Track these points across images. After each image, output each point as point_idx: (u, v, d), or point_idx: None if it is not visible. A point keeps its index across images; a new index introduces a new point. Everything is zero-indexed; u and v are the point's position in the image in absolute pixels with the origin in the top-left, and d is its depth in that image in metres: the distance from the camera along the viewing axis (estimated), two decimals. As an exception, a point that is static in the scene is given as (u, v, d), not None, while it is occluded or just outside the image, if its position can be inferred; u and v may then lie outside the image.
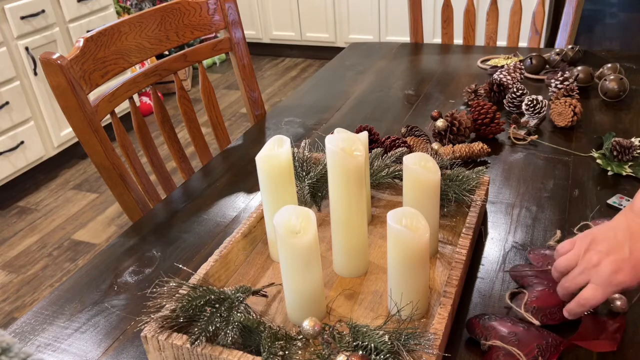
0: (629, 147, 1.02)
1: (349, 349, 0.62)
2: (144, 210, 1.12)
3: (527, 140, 1.14)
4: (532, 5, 1.83)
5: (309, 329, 0.64)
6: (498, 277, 0.79)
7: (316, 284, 0.70)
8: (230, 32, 1.36)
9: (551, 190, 0.98)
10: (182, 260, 0.89)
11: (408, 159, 0.79)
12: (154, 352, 0.67)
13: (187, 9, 1.26)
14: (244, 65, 1.41)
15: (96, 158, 1.07)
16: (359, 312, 0.74)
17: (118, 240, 0.96)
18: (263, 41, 4.10)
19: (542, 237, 0.87)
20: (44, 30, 2.60)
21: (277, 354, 0.62)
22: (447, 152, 1.07)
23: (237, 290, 0.70)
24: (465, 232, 0.80)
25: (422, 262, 0.69)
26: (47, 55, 0.97)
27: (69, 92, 1.00)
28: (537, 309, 0.70)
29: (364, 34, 3.76)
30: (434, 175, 0.78)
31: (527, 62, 1.43)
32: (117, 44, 1.12)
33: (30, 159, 2.61)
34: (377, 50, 1.76)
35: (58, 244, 2.32)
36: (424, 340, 0.62)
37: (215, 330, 0.65)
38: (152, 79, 1.20)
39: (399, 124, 1.26)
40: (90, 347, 0.74)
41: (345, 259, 0.80)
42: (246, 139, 1.29)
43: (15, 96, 2.49)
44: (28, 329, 0.78)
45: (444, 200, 0.87)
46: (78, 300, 0.82)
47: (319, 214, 0.94)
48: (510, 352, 0.64)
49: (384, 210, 0.92)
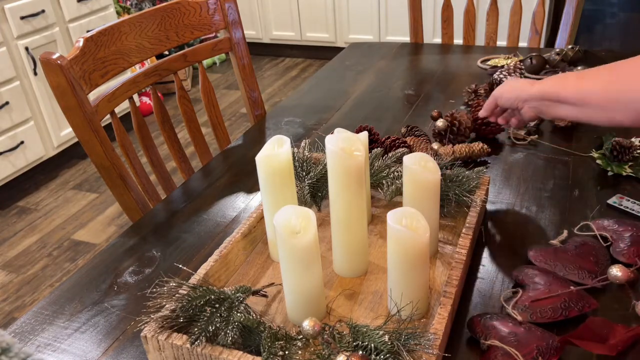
0: (629, 147, 1.02)
1: (349, 349, 0.62)
2: (144, 210, 1.12)
3: (527, 140, 1.14)
4: (532, 5, 1.83)
5: (308, 329, 0.64)
6: (498, 277, 0.79)
7: (316, 284, 0.70)
8: (230, 32, 1.36)
9: (551, 190, 0.98)
10: (182, 260, 0.89)
11: (408, 159, 0.79)
12: (153, 352, 0.67)
13: (187, 9, 1.26)
14: (244, 65, 1.41)
15: (96, 158, 1.07)
16: (359, 312, 0.74)
17: (118, 240, 0.96)
18: (263, 41, 4.11)
19: (542, 237, 0.87)
20: (43, 30, 2.60)
21: (277, 354, 0.62)
22: (447, 152, 1.07)
23: (237, 290, 0.70)
24: (465, 232, 0.80)
25: (422, 262, 0.69)
26: (47, 55, 0.97)
27: (68, 92, 1.00)
28: (527, 307, 0.70)
29: (364, 34, 3.76)
30: (434, 175, 0.78)
31: (527, 62, 1.43)
32: (117, 44, 1.12)
33: (30, 159, 2.61)
34: (377, 50, 1.76)
35: (58, 244, 2.32)
36: (424, 340, 0.62)
37: (215, 330, 0.65)
38: (152, 79, 1.20)
39: (399, 124, 1.26)
40: (90, 347, 0.74)
41: (345, 259, 0.80)
42: (246, 139, 1.29)
43: (15, 96, 2.49)
44: (28, 329, 0.78)
45: (444, 200, 0.87)
46: (78, 300, 0.82)
47: (319, 214, 0.94)
48: (509, 352, 0.64)
49: (384, 210, 0.92)
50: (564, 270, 0.77)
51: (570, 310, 0.70)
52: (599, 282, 0.75)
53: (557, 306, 0.70)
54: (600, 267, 0.77)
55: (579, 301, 0.71)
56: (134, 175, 1.15)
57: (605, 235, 0.83)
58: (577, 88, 0.79)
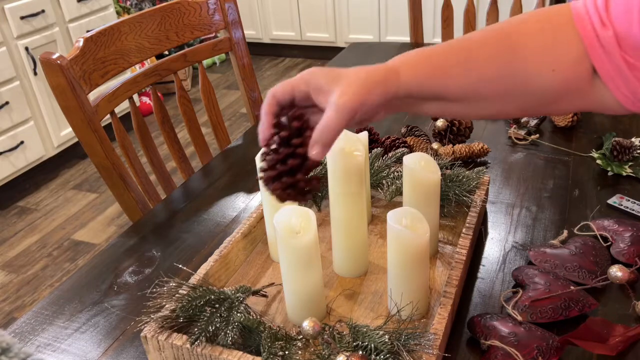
0: (629, 147, 1.02)
1: (349, 349, 0.62)
2: (144, 210, 1.12)
3: (528, 140, 1.14)
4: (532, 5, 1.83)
5: (308, 329, 0.64)
6: (498, 277, 0.79)
7: (316, 284, 0.70)
8: (230, 32, 1.36)
9: (551, 190, 0.98)
10: (182, 260, 0.89)
11: (408, 159, 0.79)
12: (153, 352, 0.67)
13: (186, 8, 1.26)
14: (244, 65, 1.41)
15: (96, 158, 1.07)
16: (359, 312, 0.74)
17: (118, 240, 0.96)
18: (263, 41, 4.10)
19: (542, 237, 0.87)
20: (43, 30, 2.60)
21: (277, 354, 0.62)
22: (447, 152, 1.07)
23: (237, 290, 0.70)
24: (466, 232, 0.80)
25: (422, 262, 0.69)
26: (47, 55, 0.97)
27: (68, 92, 1.00)
28: (528, 307, 0.70)
29: (364, 34, 3.76)
30: (434, 175, 0.78)
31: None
32: (117, 44, 1.12)
33: (30, 159, 2.61)
34: (377, 50, 1.75)
35: (58, 244, 2.32)
36: (424, 341, 0.62)
37: (215, 330, 0.65)
38: (152, 79, 1.20)
39: (399, 124, 1.26)
40: (90, 347, 0.74)
41: (345, 259, 0.80)
42: (246, 139, 1.29)
43: (15, 96, 2.49)
44: (28, 329, 0.78)
45: (444, 200, 0.87)
46: (78, 300, 0.82)
47: (319, 214, 0.94)
48: (509, 352, 0.64)
49: (384, 210, 0.92)
50: (564, 270, 0.77)
51: (570, 310, 0.70)
52: (599, 282, 0.74)
53: (557, 306, 0.70)
54: (600, 267, 0.77)
55: (579, 301, 0.71)
56: (134, 175, 1.15)
57: (606, 235, 0.83)
58: (467, 81, 0.59)
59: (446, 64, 0.59)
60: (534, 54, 0.58)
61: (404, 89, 0.59)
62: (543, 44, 0.58)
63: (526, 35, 0.58)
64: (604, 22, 0.54)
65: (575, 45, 0.57)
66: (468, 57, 0.59)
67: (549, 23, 0.59)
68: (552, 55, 0.57)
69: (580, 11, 0.57)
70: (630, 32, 0.53)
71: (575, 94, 0.59)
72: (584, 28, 0.56)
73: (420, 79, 0.59)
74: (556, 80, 0.58)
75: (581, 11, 0.57)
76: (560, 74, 0.57)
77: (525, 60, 0.58)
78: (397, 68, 0.58)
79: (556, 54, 0.57)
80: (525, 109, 0.63)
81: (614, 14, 0.54)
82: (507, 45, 0.59)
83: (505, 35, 0.59)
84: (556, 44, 0.57)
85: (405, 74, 0.58)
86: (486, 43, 0.59)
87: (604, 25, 0.54)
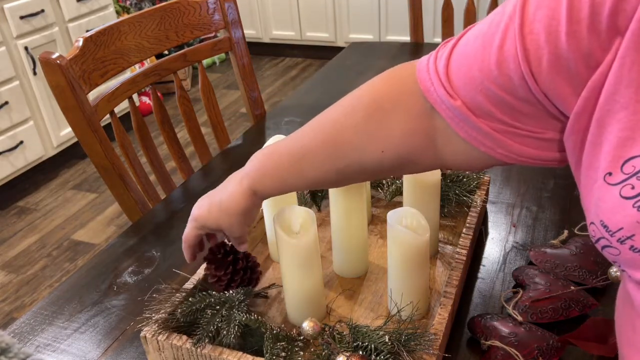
0: (629, 147, 1.02)
1: (349, 349, 0.62)
2: (143, 210, 1.12)
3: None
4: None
5: (308, 330, 0.64)
6: (498, 277, 0.79)
7: (316, 284, 0.70)
8: (230, 31, 1.36)
9: (552, 190, 0.98)
10: (181, 260, 0.88)
11: (408, 159, 0.78)
12: (153, 352, 0.67)
13: (186, 8, 1.26)
14: (243, 65, 1.40)
15: (96, 158, 1.07)
16: (359, 313, 0.74)
17: (117, 240, 0.95)
18: (263, 41, 4.10)
19: (542, 237, 0.87)
20: (43, 30, 2.59)
21: (279, 355, 0.62)
22: (447, 152, 1.07)
23: (237, 291, 0.70)
24: (466, 232, 0.80)
25: (422, 262, 0.68)
26: (47, 55, 0.97)
27: (68, 92, 0.99)
28: (528, 308, 0.70)
29: (364, 34, 3.76)
30: (434, 175, 0.78)
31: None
32: (116, 44, 1.12)
33: (29, 159, 2.61)
34: (377, 50, 1.75)
35: (57, 244, 2.32)
36: (424, 341, 0.62)
37: (217, 330, 0.64)
38: (151, 79, 1.20)
39: (399, 124, 1.26)
40: (89, 347, 0.74)
41: (345, 259, 0.80)
42: (246, 139, 1.29)
43: (15, 96, 2.49)
44: (27, 329, 0.78)
45: (445, 200, 0.87)
46: (77, 300, 0.82)
47: (319, 214, 0.94)
48: (509, 352, 0.64)
49: (384, 210, 0.92)
50: (564, 270, 0.77)
51: (571, 310, 0.70)
52: (599, 282, 0.74)
53: (558, 306, 0.70)
54: (601, 267, 0.77)
55: (580, 301, 0.71)
56: (134, 175, 1.15)
57: (606, 235, 0.82)
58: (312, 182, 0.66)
59: (288, 175, 0.65)
60: (356, 149, 0.60)
61: (266, 196, 0.69)
62: (366, 132, 0.59)
63: (349, 128, 0.60)
64: (450, 94, 0.52)
65: (419, 104, 0.56)
66: (301, 168, 0.64)
67: (386, 98, 0.59)
68: (377, 140, 0.59)
69: (424, 78, 0.55)
70: (476, 99, 0.51)
71: (424, 156, 0.59)
72: (434, 100, 0.54)
73: (274, 187, 0.66)
74: (386, 158, 0.59)
75: (425, 78, 0.55)
76: (390, 151, 0.59)
77: (352, 153, 0.61)
78: (253, 189, 0.67)
79: (381, 137, 0.59)
80: (383, 177, 0.67)
81: (456, 85, 0.52)
82: (331, 146, 0.61)
83: (329, 135, 0.62)
84: (381, 127, 0.58)
85: (262, 191, 0.67)
86: (312, 150, 0.63)
87: (451, 96, 0.52)
